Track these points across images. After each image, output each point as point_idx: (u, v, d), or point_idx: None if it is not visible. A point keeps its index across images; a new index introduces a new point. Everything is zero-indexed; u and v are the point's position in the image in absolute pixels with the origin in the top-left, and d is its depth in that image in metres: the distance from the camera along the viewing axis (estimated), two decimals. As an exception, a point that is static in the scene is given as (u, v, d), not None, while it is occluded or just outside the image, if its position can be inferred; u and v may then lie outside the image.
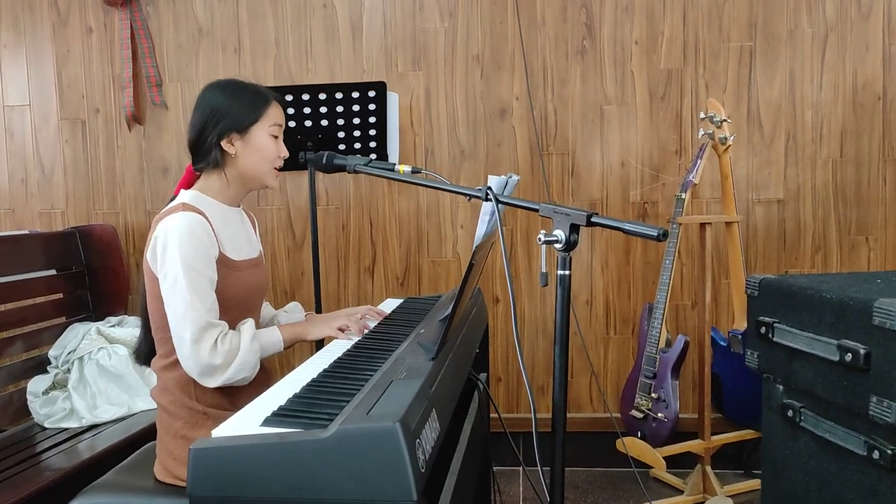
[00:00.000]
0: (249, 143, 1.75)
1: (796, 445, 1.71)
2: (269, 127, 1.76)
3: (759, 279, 1.79)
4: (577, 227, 1.21)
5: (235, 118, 1.72)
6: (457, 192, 1.47)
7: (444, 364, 1.41)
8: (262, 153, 1.76)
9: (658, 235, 1.09)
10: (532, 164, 3.15)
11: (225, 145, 1.73)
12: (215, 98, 1.74)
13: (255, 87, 1.80)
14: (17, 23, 3.26)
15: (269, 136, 1.76)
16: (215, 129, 1.72)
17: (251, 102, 1.75)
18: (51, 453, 2.47)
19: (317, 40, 3.17)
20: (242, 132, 1.74)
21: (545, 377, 3.24)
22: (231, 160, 1.76)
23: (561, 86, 3.12)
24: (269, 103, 1.77)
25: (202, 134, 1.73)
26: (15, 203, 3.34)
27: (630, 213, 3.14)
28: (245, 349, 1.67)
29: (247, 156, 1.75)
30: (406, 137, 3.16)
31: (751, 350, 1.81)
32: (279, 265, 3.26)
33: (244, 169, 1.76)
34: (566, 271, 1.22)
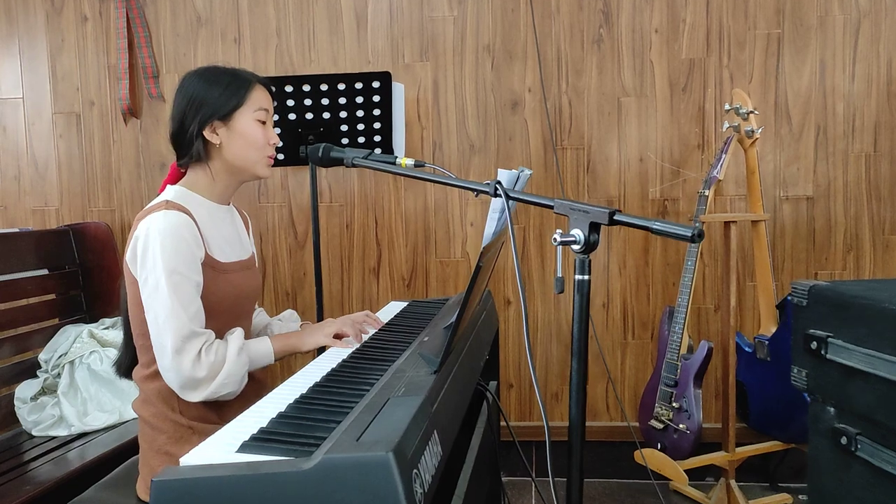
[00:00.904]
0: (234, 131, 1.62)
1: (848, 475, 1.55)
2: (254, 111, 1.64)
3: (809, 286, 1.62)
4: (598, 226, 1.07)
5: (216, 104, 1.60)
6: (463, 188, 1.34)
7: (448, 377, 1.28)
8: (249, 140, 1.63)
9: (692, 236, 0.95)
10: (545, 160, 3.01)
11: (208, 135, 1.61)
12: (193, 85, 1.62)
13: (235, 70, 1.67)
14: (10, 11, 3.15)
15: (255, 122, 1.64)
16: (195, 118, 1.59)
17: (231, 86, 1.62)
18: (38, 463, 2.36)
19: (320, 30, 3.05)
20: (225, 119, 1.61)
21: (559, 383, 3.11)
22: (216, 151, 1.63)
23: (576, 77, 2.98)
24: (252, 86, 1.65)
25: (182, 125, 1.61)
26: (7, 200, 3.24)
27: (649, 211, 3.00)
28: (231, 361, 1.54)
29: (232, 144, 1.63)
30: (413, 131, 3.03)
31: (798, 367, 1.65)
32: (280, 266, 3.15)
33: (231, 159, 1.64)
34: (585, 276, 1.09)
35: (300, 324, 1.95)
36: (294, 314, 1.99)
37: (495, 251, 1.47)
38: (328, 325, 1.70)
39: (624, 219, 1.05)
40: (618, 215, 1.05)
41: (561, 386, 3.11)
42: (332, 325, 1.69)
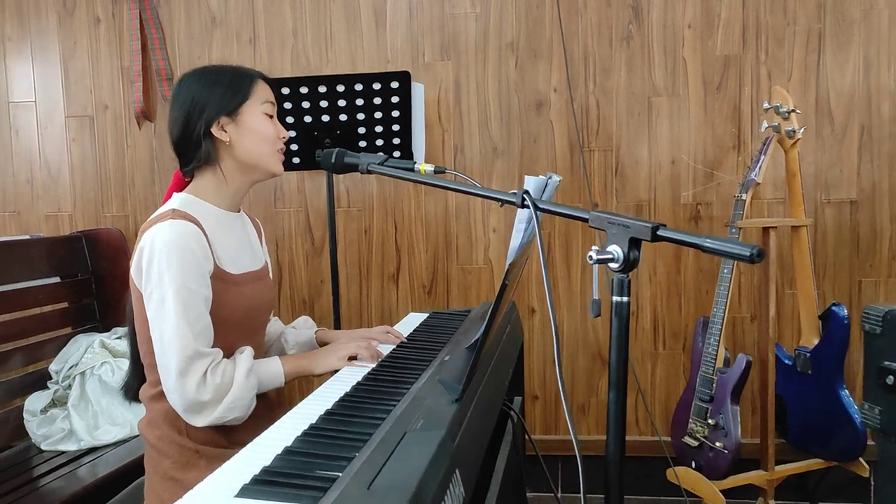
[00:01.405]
0: (243, 125, 1.54)
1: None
2: (260, 105, 1.56)
3: (884, 311, 1.47)
4: (639, 242, 0.96)
5: (221, 101, 1.52)
6: (488, 197, 1.23)
7: (470, 405, 1.18)
8: (260, 134, 1.56)
9: (751, 255, 0.84)
10: (572, 162, 2.89)
11: (216, 132, 1.53)
12: (194, 86, 1.54)
13: (234, 67, 1.60)
14: (22, 13, 3.10)
15: (263, 115, 1.56)
16: (201, 117, 1.51)
17: (235, 81, 1.55)
18: (47, 479, 2.29)
19: (337, 29, 2.95)
20: (233, 114, 1.53)
21: (586, 395, 2.99)
22: (226, 150, 1.55)
23: (604, 76, 2.86)
24: (255, 80, 1.58)
25: (187, 127, 1.53)
26: (20, 205, 3.19)
27: (681, 216, 2.87)
28: (239, 385, 1.45)
29: (243, 140, 1.55)
30: (433, 133, 2.93)
31: (870, 404, 1.51)
32: (297, 273, 3.06)
33: (243, 156, 1.56)
34: (623, 297, 0.98)
35: (315, 330, 1.86)
36: (309, 320, 1.90)
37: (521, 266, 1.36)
38: (342, 347, 1.60)
39: (670, 234, 0.94)
40: (662, 230, 0.94)
41: (588, 398, 2.99)
42: (346, 347, 1.59)
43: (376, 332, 1.79)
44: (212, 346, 1.48)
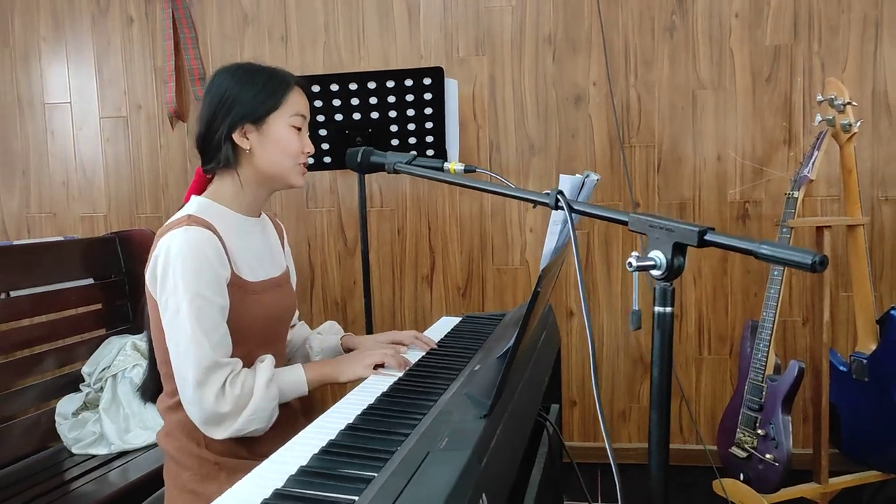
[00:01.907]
0: (267, 136, 1.47)
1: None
2: (290, 117, 1.48)
3: None
4: (684, 247, 0.87)
5: (249, 106, 1.45)
6: (520, 198, 1.15)
7: (500, 421, 1.10)
8: (283, 147, 1.48)
9: (814, 264, 0.75)
10: (611, 159, 2.79)
11: (237, 138, 1.46)
12: (225, 83, 1.47)
13: (273, 69, 1.52)
14: (56, 14, 3.11)
15: (289, 128, 1.48)
16: (225, 119, 1.45)
17: (268, 87, 1.47)
18: (78, 483, 2.28)
19: (369, 24, 2.90)
20: (258, 122, 1.46)
21: (627, 401, 2.88)
22: (246, 157, 1.49)
23: (646, 68, 2.75)
24: (290, 89, 1.49)
25: (211, 127, 1.47)
26: (56, 207, 3.20)
27: (728, 215, 2.75)
28: (259, 395, 1.39)
29: (264, 151, 1.48)
30: (468, 131, 2.85)
31: None
32: (329, 273, 3.01)
33: (262, 167, 1.49)
34: (667, 308, 0.89)
35: (341, 335, 1.79)
36: (335, 326, 1.83)
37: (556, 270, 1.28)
38: (368, 354, 1.53)
39: (719, 239, 0.85)
40: (711, 234, 0.85)
41: (629, 404, 2.88)
42: (372, 354, 1.52)
43: (405, 337, 1.72)
44: (231, 356, 1.43)
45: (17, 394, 2.42)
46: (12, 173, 3.21)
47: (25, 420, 2.46)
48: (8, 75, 3.17)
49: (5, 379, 2.39)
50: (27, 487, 2.22)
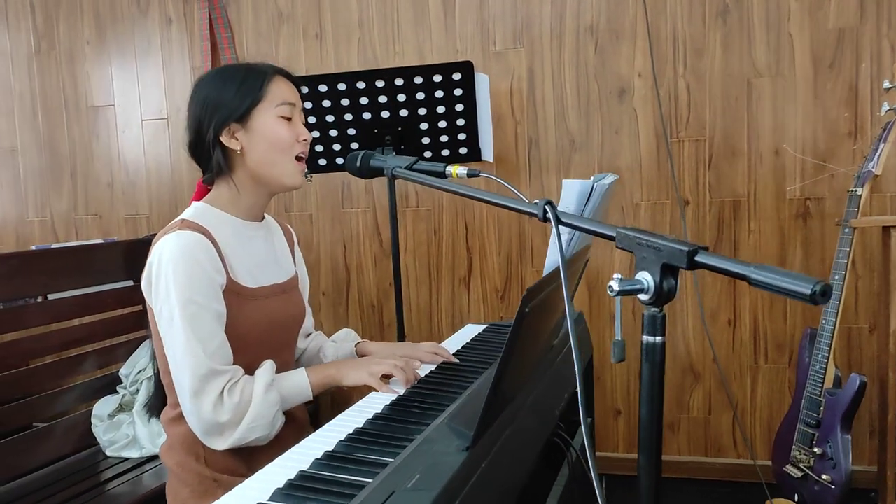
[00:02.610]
0: (254, 132, 1.42)
1: None
2: (275, 107, 1.42)
3: None
4: (675, 269, 0.76)
5: (231, 104, 1.40)
6: (510, 208, 1.06)
7: (487, 454, 1.01)
8: (272, 140, 1.42)
9: (813, 295, 0.63)
10: (658, 155, 2.64)
11: (226, 141, 1.41)
12: (206, 88, 1.43)
13: (250, 64, 1.47)
14: (99, 16, 3.16)
15: (276, 119, 1.42)
16: (211, 123, 1.40)
17: (247, 82, 1.41)
18: (112, 485, 2.31)
19: (404, 19, 2.82)
20: (243, 120, 1.41)
21: (676, 412, 2.73)
22: (238, 160, 1.44)
23: (696, 57, 2.59)
24: (270, 79, 1.43)
25: (198, 135, 1.43)
26: (102, 209, 3.26)
27: (786, 213, 2.56)
28: (258, 402, 1.34)
29: (254, 148, 1.42)
30: (505, 127, 2.75)
31: None
32: (365, 275, 2.96)
33: (255, 167, 1.43)
34: (656, 337, 0.78)
35: (356, 343, 1.72)
36: (351, 333, 1.77)
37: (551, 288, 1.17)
38: (376, 362, 1.46)
39: (710, 261, 0.73)
40: (701, 255, 0.74)
41: (678, 415, 2.73)
42: (380, 363, 1.45)
43: (422, 352, 1.64)
44: (231, 364, 1.38)
45: (57, 395, 2.46)
46: (60, 176, 3.28)
47: (66, 421, 2.51)
48: (54, 79, 3.24)
49: (46, 380, 2.43)
50: (65, 488, 2.26)
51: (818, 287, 0.63)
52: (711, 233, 2.62)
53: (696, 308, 2.64)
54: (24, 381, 2.33)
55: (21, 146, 3.31)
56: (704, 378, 2.68)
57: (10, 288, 2.31)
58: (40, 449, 2.36)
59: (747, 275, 0.69)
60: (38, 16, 3.22)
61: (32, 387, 2.37)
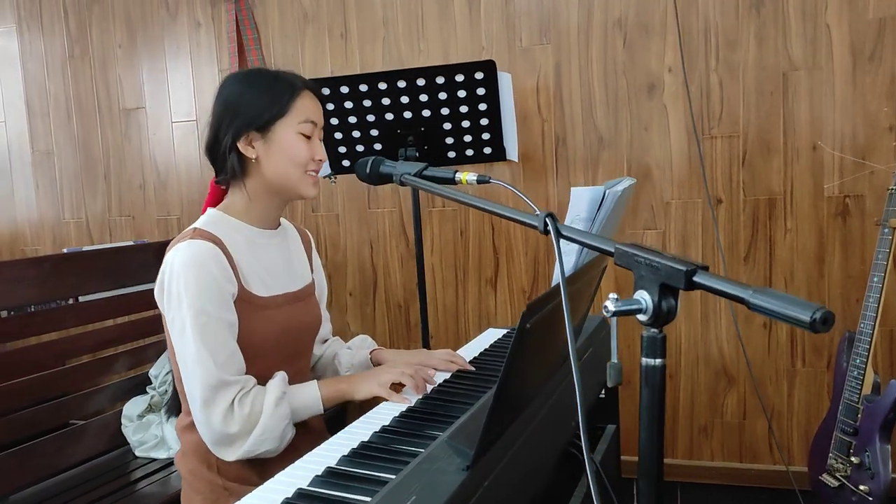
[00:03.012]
0: (272, 144, 1.41)
1: None
2: (297, 124, 1.41)
3: None
4: (675, 290, 0.72)
5: (253, 112, 1.39)
6: (511, 219, 1.03)
7: (490, 472, 0.99)
8: (290, 156, 1.41)
9: (813, 322, 0.59)
10: (690, 152, 2.57)
11: (243, 147, 1.41)
12: (231, 89, 1.43)
13: (279, 73, 1.45)
14: (130, 21, 3.20)
15: (297, 135, 1.41)
16: (230, 128, 1.40)
17: (273, 92, 1.40)
18: (141, 485, 2.34)
19: (429, 17, 2.79)
20: (263, 130, 1.40)
21: (708, 415, 2.66)
22: (253, 168, 1.43)
23: (729, 50, 2.51)
24: (298, 93, 1.42)
25: (216, 137, 1.43)
26: (134, 210, 3.31)
27: (825, 212, 2.47)
28: (268, 414, 1.34)
29: (270, 160, 1.41)
30: (532, 125, 2.71)
31: None
32: (392, 276, 2.95)
33: (269, 177, 1.43)
34: (655, 360, 0.75)
35: (371, 350, 1.71)
36: (366, 340, 1.75)
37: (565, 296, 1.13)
38: (386, 372, 1.44)
39: (709, 282, 0.69)
40: (700, 275, 0.70)
41: (710, 418, 2.66)
42: (389, 372, 1.44)
43: (436, 360, 1.62)
44: (243, 374, 1.38)
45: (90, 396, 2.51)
46: (95, 178, 3.34)
47: (98, 421, 2.55)
48: (88, 83, 3.29)
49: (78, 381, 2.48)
50: (96, 487, 2.30)
51: (818, 314, 0.59)
52: (746, 232, 2.55)
53: (729, 308, 2.57)
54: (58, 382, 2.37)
55: (57, 149, 3.38)
56: (739, 381, 2.61)
57: (43, 290, 2.35)
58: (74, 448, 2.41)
59: (745, 298, 0.65)
60: (72, 21, 3.28)
61: (66, 387, 2.41)
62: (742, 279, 2.56)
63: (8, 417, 2.10)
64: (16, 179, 3.47)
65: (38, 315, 2.46)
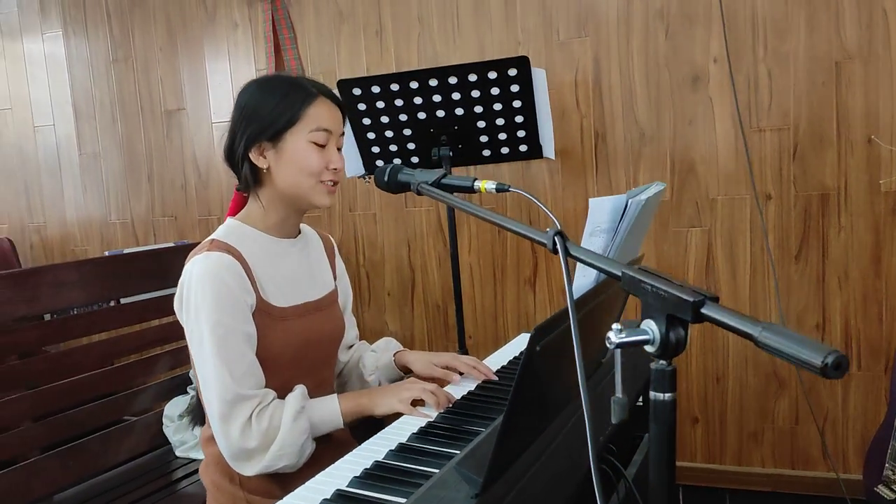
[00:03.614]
0: (283, 154, 1.39)
1: None
2: (309, 132, 1.38)
3: None
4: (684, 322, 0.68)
5: (265, 122, 1.38)
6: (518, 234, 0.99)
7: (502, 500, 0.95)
8: (302, 166, 1.39)
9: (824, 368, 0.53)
10: (736, 146, 2.47)
11: (254, 157, 1.40)
12: (248, 95, 1.42)
13: (296, 79, 1.43)
14: (170, 24, 3.24)
15: (308, 145, 1.39)
16: (244, 136, 1.39)
17: (286, 100, 1.38)
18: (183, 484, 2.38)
19: (464, 12, 2.75)
20: (275, 139, 1.38)
21: (758, 422, 2.57)
22: (266, 177, 1.42)
23: (778, 39, 2.39)
24: (311, 101, 1.39)
25: (231, 146, 1.42)
26: (177, 210, 3.36)
27: (882, 208, 2.34)
28: (287, 429, 1.33)
29: (282, 170, 1.40)
30: (570, 121, 2.64)
31: None
32: (429, 276, 2.93)
33: (281, 187, 1.41)
34: (665, 395, 0.70)
35: (395, 352, 1.67)
36: (391, 342, 1.72)
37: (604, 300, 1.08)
38: (406, 388, 1.41)
39: (715, 315, 0.64)
40: (708, 307, 0.65)
41: (760, 425, 2.56)
42: (410, 388, 1.41)
43: (460, 364, 1.59)
44: (263, 387, 1.37)
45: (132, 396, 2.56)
46: (139, 179, 3.40)
47: (141, 421, 2.60)
48: (131, 86, 3.35)
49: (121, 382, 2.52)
50: (138, 487, 2.35)
51: (830, 359, 0.53)
52: (797, 229, 2.44)
53: (779, 309, 2.46)
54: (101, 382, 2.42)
55: (103, 151, 3.45)
56: (790, 385, 2.51)
57: (85, 293, 2.40)
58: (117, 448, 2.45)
59: (754, 335, 0.60)
60: (115, 25, 3.34)
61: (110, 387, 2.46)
62: (793, 279, 2.46)
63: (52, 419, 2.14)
64: (65, 181, 3.56)
65: (82, 318, 2.51)
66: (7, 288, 2.06)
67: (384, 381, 1.64)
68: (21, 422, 2.03)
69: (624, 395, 0.71)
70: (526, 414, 0.95)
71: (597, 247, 1.15)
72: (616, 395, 0.71)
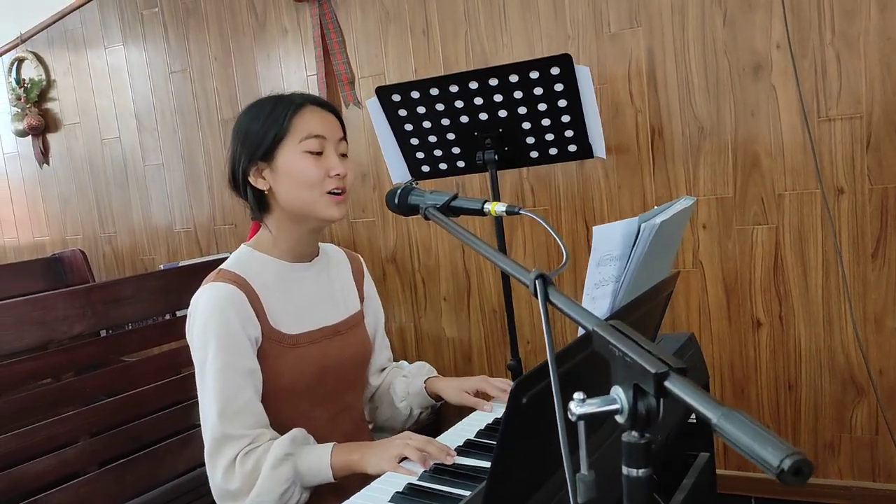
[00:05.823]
0: (279, 170, 1.41)
1: None
2: (300, 142, 1.39)
3: None
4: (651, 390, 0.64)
5: (256, 142, 1.40)
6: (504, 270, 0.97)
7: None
8: (298, 178, 1.39)
9: (780, 471, 0.49)
10: (804, 137, 2.34)
11: (254, 181, 1.42)
12: (240, 121, 1.47)
13: (281, 96, 1.45)
14: (223, 33, 3.33)
15: (301, 155, 1.39)
16: (240, 163, 1.41)
17: (271, 116, 1.41)
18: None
19: (511, 8, 2.70)
20: (268, 158, 1.40)
21: (834, 430, 2.44)
22: (271, 200, 1.44)
23: (846, 20, 2.25)
24: (296, 111, 1.40)
25: (233, 176, 1.45)
26: (236, 218, 3.46)
27: (969, 199, 2.17)
28: (265, 476, 1.31)
29: (281, 188, 1.41)
30: (624, 117, 2.56)
31: None
32: (485, 280, 2.92)
33: (285, 206, 1.43)
34: (638, 470, 0.66)
35: (426, 378, 1.65)
36: (424, 367, 1.71)
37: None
38: (393, 446, 1.34)
39: (678, 391, 0.61)
40: (672, 380, 0.61)
41: (837, 434, 2.44)
42: (397, 446, 1.33)
43: (490, 388, 1.57)
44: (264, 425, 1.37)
45: (190, 408, 2.65)
46: (200, 189, 3.52)
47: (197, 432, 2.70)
48: (189, 96, 3.46)
49: (179, 394, 2.62)
50: (196, 498, 2.43)
51: (788, 463, 0.49)
52: (873, 225, 2.29)
53: (856, 308, 2.32)
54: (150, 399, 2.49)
55: (165, 161, 3.59)
56: (869, 392, 2.37)
57: (140, 308, 2.49)
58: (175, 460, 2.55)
59: (711, 420, 0.56)
60: (171, 36, 3.45)
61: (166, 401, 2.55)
62: (869, 279, 2.32)
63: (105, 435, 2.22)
64: (132, 192, 3.72)
65: (136, 332, 2.61)
66: (64, 306, 2.16)
67: (415, 407, 1.64)
68: (78, 437, 2.13)
69: (591, 472, 0.67)
70: (511, 478, 0.92)
71: (608, 275, 1.11)
72: (581, 471, 0.67)
